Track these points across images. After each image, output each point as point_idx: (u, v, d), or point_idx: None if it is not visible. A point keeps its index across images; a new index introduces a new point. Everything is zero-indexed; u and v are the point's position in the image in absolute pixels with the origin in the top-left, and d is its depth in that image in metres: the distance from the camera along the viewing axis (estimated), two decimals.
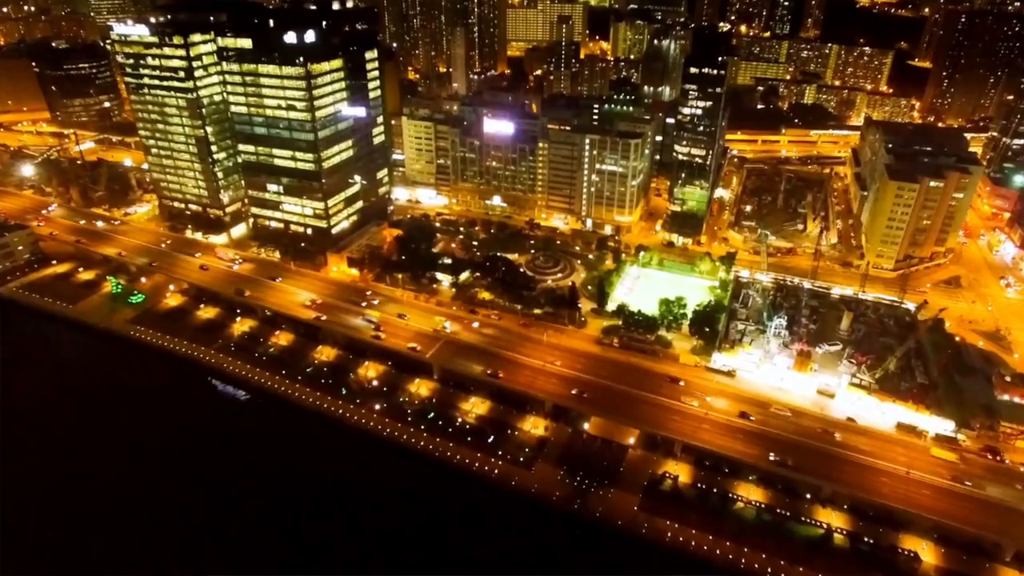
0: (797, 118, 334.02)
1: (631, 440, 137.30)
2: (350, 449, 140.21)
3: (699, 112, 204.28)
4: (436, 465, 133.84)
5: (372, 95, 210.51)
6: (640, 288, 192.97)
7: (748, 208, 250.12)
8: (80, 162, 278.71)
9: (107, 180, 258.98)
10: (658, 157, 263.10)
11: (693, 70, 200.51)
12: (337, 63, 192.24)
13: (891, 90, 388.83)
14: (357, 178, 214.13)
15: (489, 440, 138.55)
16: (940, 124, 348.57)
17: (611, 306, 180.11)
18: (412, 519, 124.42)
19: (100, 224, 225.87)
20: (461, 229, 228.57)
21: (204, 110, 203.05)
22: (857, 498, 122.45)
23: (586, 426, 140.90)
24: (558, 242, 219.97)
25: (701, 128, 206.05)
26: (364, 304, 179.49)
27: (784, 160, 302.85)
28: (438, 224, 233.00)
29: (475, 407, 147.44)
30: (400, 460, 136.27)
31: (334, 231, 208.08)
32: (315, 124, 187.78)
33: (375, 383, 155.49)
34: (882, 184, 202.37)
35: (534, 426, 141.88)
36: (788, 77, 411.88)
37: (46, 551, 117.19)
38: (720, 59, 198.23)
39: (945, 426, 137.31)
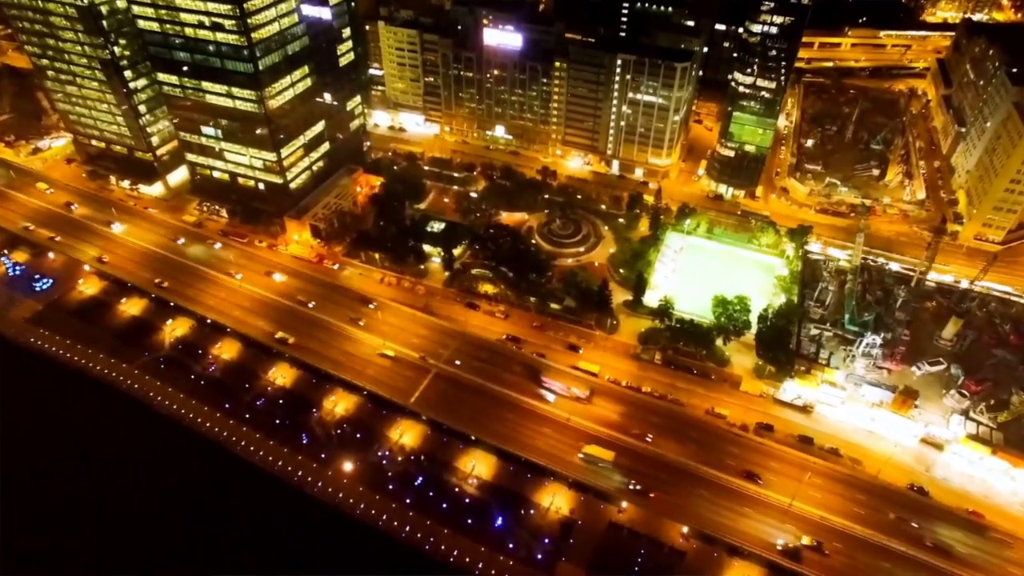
0: (863, 14, 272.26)
1: (684, 529, 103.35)
2: (311, 525, 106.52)
3: (774, 30, 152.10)
4: (428, 563, 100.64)
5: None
6: (684, 267, 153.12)
7: (810, 144, 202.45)
8: None
9: (12, 98, 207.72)
10: (700, 73, 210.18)
11: None
12: None
13: None
14: (327, 96, 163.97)
15: (497, 523, 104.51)
16: None
17: (650, 297, 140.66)
18: None
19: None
20: (455, 175, 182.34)
21: (106, 23, 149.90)
22: None
23: (624, 504, 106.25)
24: (579, 196, 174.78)
25: (774, 52, 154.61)
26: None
27: (847, 72, 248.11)
28: (426, 168, 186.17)
29: (476, 468, 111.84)
30: (380, 549, 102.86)
31: (293, 186, 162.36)
32: (253, 50, 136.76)
33: (346, 427, 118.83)
34: (1007, 131, 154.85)
35: (555, 504, 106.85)
36: None
37: None
38: None
39: None
